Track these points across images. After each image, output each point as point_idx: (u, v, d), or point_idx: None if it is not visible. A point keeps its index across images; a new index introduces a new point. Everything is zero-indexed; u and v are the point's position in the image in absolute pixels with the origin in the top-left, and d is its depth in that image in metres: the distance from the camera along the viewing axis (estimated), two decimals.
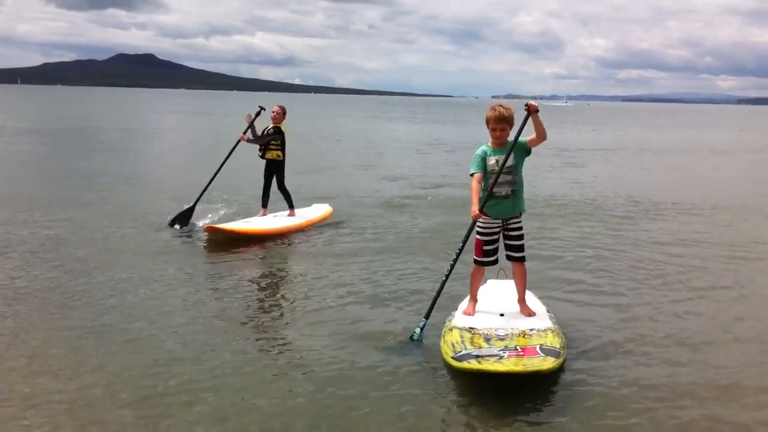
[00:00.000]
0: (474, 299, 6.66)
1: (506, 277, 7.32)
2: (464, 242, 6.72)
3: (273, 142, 11.73)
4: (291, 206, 12.09)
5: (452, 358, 5.42)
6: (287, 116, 12.09)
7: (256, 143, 11.80)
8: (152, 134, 37.62)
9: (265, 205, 12.04)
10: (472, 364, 5.21)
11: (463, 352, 5.48)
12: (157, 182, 17.71)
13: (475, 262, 6.65)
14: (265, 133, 11.78)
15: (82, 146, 27.38)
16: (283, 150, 11.83)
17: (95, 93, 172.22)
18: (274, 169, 11.85)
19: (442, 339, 5.99)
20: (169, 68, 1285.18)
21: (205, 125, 48.99)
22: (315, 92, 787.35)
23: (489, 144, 6.47)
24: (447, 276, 6.77)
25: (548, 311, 6.65)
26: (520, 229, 6.54)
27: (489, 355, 5.35)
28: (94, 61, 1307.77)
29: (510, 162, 6.32)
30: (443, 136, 42.06)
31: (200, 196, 11.98)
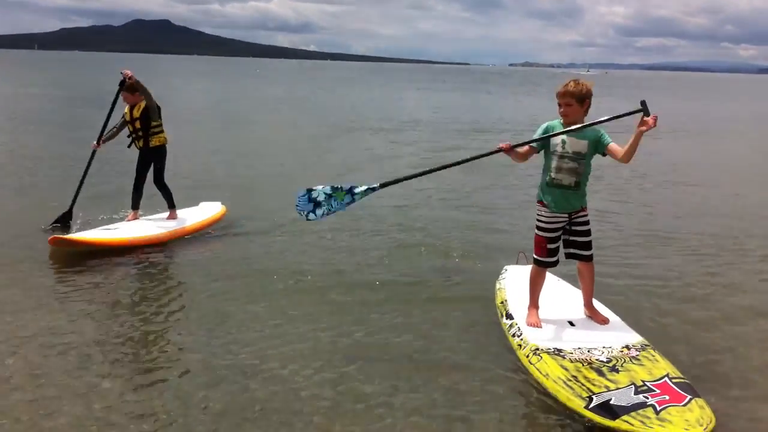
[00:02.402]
0: (536, 305, 5.71)
1: (527, 262, 6.66)
2: (476, 158, 5.72)
3: (154, 123, 8.84)
4: (172, 206, 9.21)
5: (588, 409, 4.45)
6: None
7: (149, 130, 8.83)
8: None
9: (136, 205, 9.10)
10: (636, 425, 4.21)
11: (596, 400, 4.49)
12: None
13: (537, 262, 5.64)
14: (143, 116, 8.78)
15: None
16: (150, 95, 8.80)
17: (113, 59, 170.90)
18: (153, 158, 8.97)
19: (532, 367, 5.01)
20: (185, 34, 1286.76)
21: (226, 94, 47.91)
22: (331, 59, 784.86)
23: (561, 121, 5.49)
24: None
25: (615, 314, 5.80)
26: (587, 223, 5.57)
27: (636, 405, 4.37)
28: (111, 27, 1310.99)
29: (580, 148, 5.36)
30: (448, 108, 37.43)
31: (75, 196, 9.25)
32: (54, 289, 6.81)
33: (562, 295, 6.17)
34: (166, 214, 9.22)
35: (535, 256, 5.62)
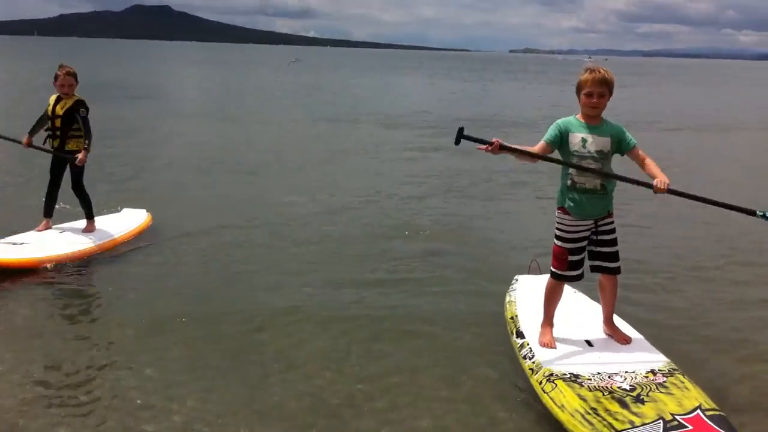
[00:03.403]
0: (550, 323, 5.15)
1: (540, 271, 6.21)
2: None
3: (77, 125, 7.75)
4: (90, 216, 8.06)
5: None
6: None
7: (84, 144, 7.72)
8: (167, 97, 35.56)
9: (49, 213, 7.97)
10: None
11: None
12: None
13: (555, 276, 5.05)
14: (66, 116, 7.72)
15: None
16: (87, 134, 7.78)
17: (112, 46, 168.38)
18: (69, 162, 7.83)
19: (546, 397, 4.43)
20: (185, 20, 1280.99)
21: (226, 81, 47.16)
22: (331, 45, 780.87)
23: (577, 116, 4.92)
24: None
25: (639, 332, 5.22)
26: (614, 231, 4.94)
27: None
28: (110, 12, 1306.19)
29: (602, 146, 4.80)
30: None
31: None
32: None
33: (578, 309, 5.62)
34: (83, 224, 8.03)
35: (553, 269, 5.04)
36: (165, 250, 7.78)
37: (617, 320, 5.23)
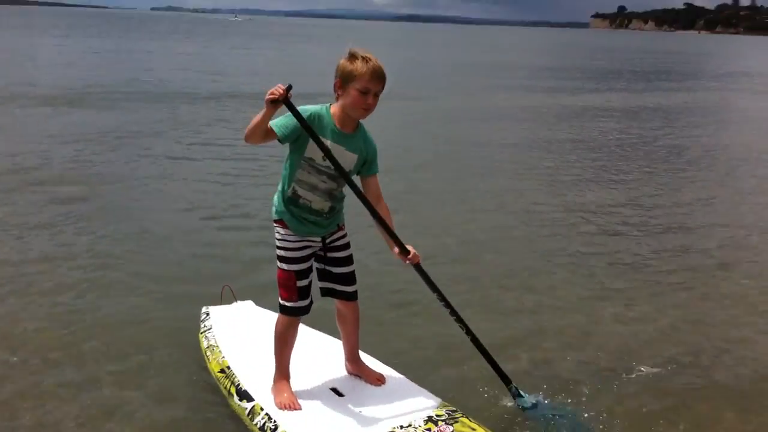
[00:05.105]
0: (286, 375, 3.73)
1: (235, 299, 4.77)
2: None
3: None
4: None
5: None
6: None
7: None
8: None
9: None
10: None
11: None
12: None
13: (287, 310, 3.61)
14: None
15: None
16: None
17: None
18: None
19: None
20: None
21: None
22: None
23: (332, 112, 3.46)
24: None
25: (392, 369, 4.01)
26: (348, 246, 3.72)
27: None
28: None
29: (347, 164, 3.45)
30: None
31: None
32: None
33: (309, 347, 4.13)
34: None
35: (283, 301, 3.60)
36: None
37: (363, 356, 3.96)
